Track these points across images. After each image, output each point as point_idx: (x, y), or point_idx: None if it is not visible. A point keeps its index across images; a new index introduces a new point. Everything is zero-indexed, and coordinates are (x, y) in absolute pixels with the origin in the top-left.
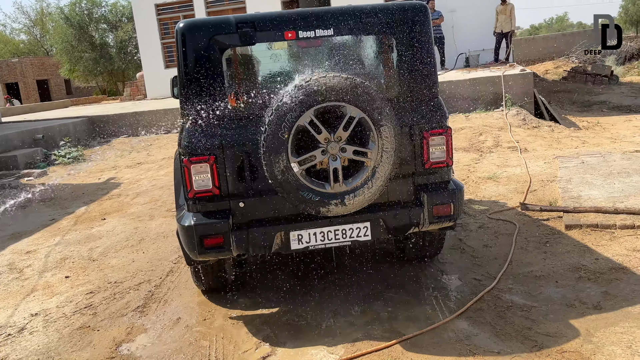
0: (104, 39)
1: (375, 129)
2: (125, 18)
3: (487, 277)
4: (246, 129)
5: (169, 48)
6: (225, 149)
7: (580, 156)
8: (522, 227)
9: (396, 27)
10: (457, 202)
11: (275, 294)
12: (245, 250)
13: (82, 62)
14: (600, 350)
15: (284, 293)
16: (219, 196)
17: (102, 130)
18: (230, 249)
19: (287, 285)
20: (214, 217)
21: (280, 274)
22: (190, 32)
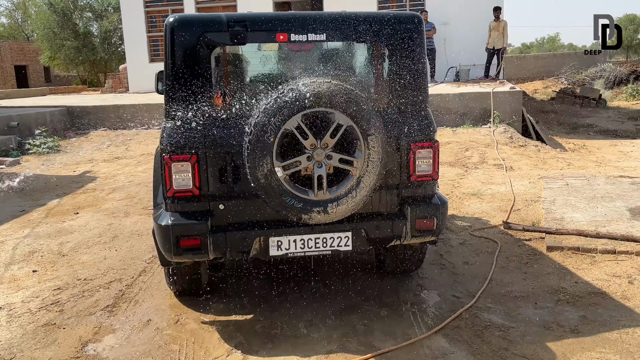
0: (87, 28)
1: (363, 138)
2: (112, 8)
3: (467, 295)
4: (231, 129)
5: (155, 42)
6: (208, 149)
7: (565, 178)
8: (504, 246)
9: (390, 36)
10: (440, 216)
11: (250, 300)
12: (222, 254)
13: (63, 50)
14: None
15: (259, 300)
16: (198, 197)
17: (81, 122)
18: (207, 251)
19: (262, 292)
20: (192, 218)
21: (256, 280)
22: (180, 27)
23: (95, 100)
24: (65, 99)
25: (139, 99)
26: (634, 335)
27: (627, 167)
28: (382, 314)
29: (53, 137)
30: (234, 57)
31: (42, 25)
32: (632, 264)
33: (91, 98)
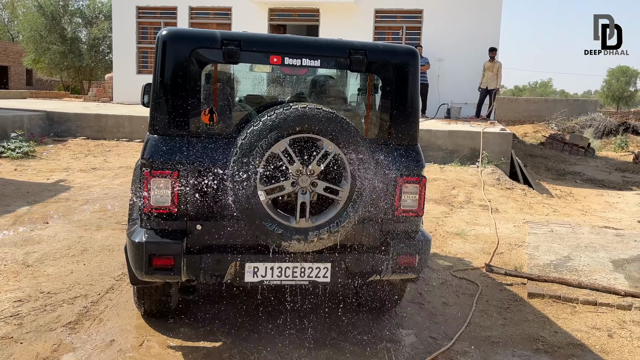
0: (76, 34)
1: (350, 167)
2: (103, 15)
3: (444, 337)
4: (216, 148)
5: (144, 53)
6: (190, 167)
7: (550, 224)
8: (485, 289)
9: (384, 68)
10: (423, 254)
11: (220, 327)
12: (195, 276)
13: (49, 53)
14: None
15: (230, 327)
16: (175, 215)
17: (60, 128)
18: (180, 272)
19: (233, 320)
20: (167, 237)
21: (227, 306)
22: (172, 41)
23: (76, 107)
24: (45, 104)
25: (123, 110)
26: None
27: (612, 218)
28: (356, 351)
29: (29, 141)
30: (225, 75)
31: (29, 27)
32: (612, 317)
33: (73, 105)
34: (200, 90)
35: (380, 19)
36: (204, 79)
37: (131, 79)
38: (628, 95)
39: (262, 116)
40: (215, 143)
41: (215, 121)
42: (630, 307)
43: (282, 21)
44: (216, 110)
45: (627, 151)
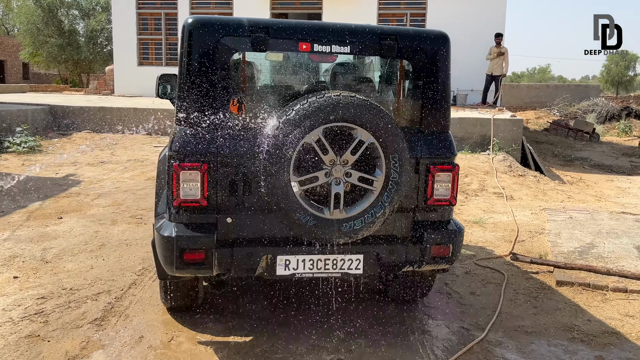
0: (73, 26)
1: (385, 156)
2: (100, 7)
3: (476, 327)
4: (245, 139)
5: (145, 44)
6: (220, 159)
7: (568, 211)
8: (511, 278)
9: (416, 53)
10: (456, 243)
11: (249, 321)
12: (226, 270)
13: (46, 47)
14: None
15: (259, 321)
16: (206, 208)
17: (63, 122)
18: (212, 267)
19: (262, 313)
20: (198, 231)
21: (255, 299)
22: (199, 29)
23: (79, 100)
24: (47, 98)
25: (126, 103)
26: None
27: (627, 203)
28: (389, 342)
29: (34, 136)
30: (253, 64)
31: (26, 20)
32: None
33: (75, 98)
34: (228, 79)
35: (384, 5)
36: (232, 68)
37: (132, 71)
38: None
39: (295, 105)
40: (245, 133)
41: (244, 111)
42: None
43: (284, 9)
44: (245, 99)
45: (631, 136)
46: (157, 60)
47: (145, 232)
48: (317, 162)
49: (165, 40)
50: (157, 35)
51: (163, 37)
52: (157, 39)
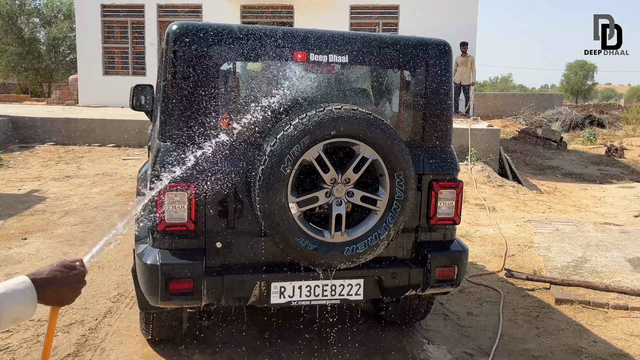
0: (34, 34)
1: (389, 174)
2: (62, 15)
3: (479, 352)
4: (237, 157)
5: (111, 53)
6: (209, 178)
7: (553, 222)
8: (507, 296)
9: (417, 63)
10: (462, 265)
11: (238, 352)
12: (216, 300)
13: (5, 55)
14: None
15: (248, 351)
16: (193, 232)
17: (25, 134)
18: (201, 297)
19: (251, 342)
20: (185, 257)
21: (241, 327)
22: (185, 37)
23: (41, 111)
24: (6, 108)
25: (92, 114)
26: None
27: (606, 213)
28: None
29: None
30: (245, 74)
31: None
32: None
33: (37, 109)
34: (217, 91)
35: (356, 14)
36: (221, 79)
37: (97, 81)
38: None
39: (293, 119)
40: (237, 150)
41: (236, 126)
42: None
43: (254, 18)
44: (236, 114)
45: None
46: (123, 69)
47: (118, 253)
48: (317, 181)
49: (131, 49)
50: (123, 44)
51: (129, 45)
52: (123, 47)
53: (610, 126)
